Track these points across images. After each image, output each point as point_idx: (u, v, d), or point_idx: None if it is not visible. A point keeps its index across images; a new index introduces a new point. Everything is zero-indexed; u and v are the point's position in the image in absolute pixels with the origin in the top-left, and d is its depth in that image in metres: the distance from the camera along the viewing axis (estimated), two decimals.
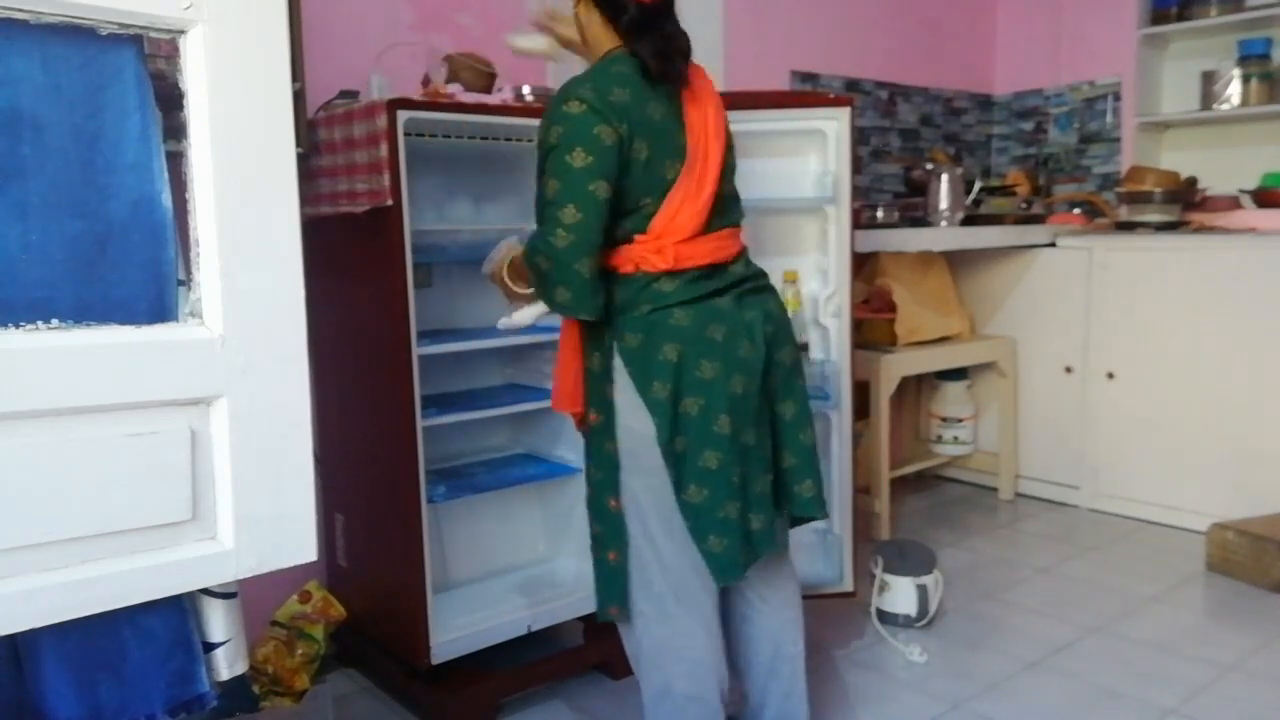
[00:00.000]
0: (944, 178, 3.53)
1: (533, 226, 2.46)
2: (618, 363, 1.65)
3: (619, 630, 1.83)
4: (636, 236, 1.63)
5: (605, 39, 1.66)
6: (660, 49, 1.60)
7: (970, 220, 3.61)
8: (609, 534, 1.73)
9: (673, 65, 1.62)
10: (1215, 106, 3.86)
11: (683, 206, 1.62)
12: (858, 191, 3.50)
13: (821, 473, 1.81)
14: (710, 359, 1.63)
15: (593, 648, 2.37)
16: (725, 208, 1.70)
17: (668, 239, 1.62)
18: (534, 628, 2.29)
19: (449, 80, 2.28)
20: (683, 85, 1.66)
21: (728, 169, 1.70)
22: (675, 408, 1.63)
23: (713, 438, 1.63)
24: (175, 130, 1.05)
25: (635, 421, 1.66)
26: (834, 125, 2.50)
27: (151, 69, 1.08)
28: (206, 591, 1.21)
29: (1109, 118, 4.25)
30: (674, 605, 1.73)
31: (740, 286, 1.71)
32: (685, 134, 1.63)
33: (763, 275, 1.78)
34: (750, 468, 1.68)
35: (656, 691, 1.80)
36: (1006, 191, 3.89)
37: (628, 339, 1.64)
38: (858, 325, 2.98)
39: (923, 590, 2.59)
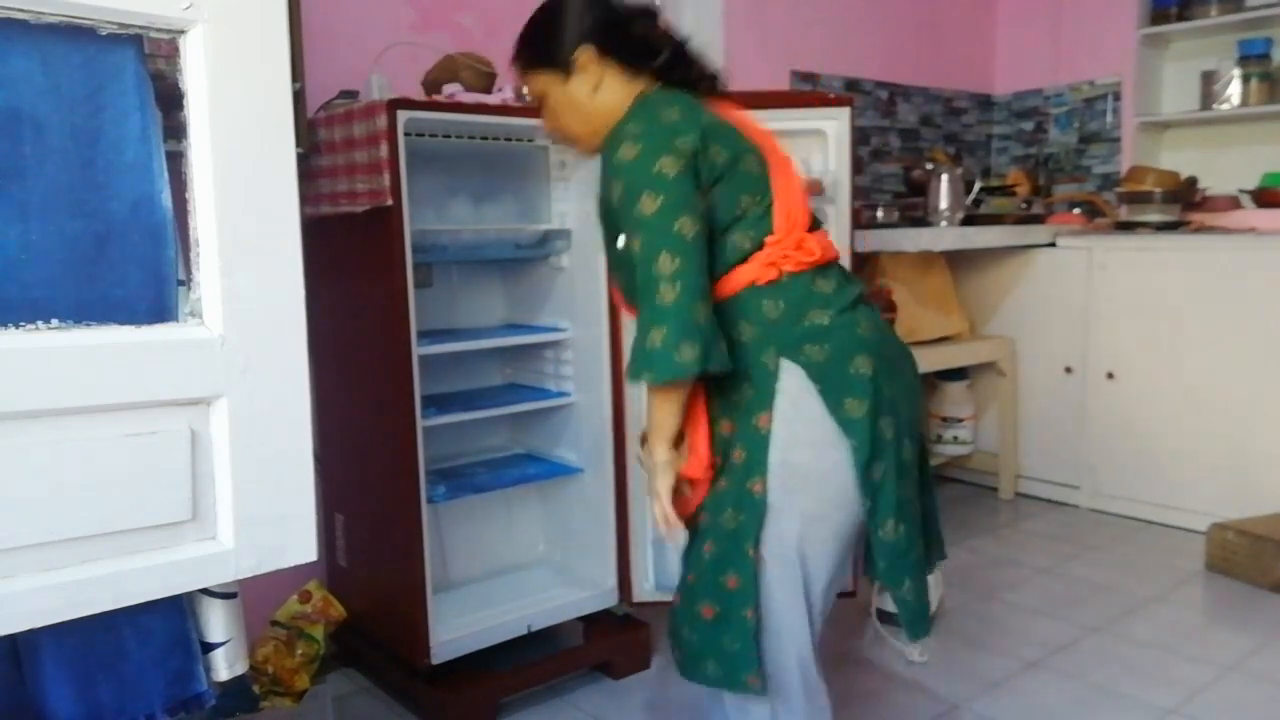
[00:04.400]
0: (944, 178, 3.53)
1: (532, 226, 2.46)
2: (785, 385, 1.41)
3: (727, 709, 1.50)
4: (766, 240, 1.43)
5: (628, 94, 1.50)
6: (701, 71, 1.55)
7: (970, 220, 3.61)
8: (747, 588, 1.42)
9: (717, 82, 1.57)
10: (1215, 106, 3.86)
11: (789, 198, 1.47)
12: (858, 191, 3.50)
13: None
14: (892, 376, 1.44)
15: (593, 648, 2.38)
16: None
17: (799, 232, 1.45)
18: (534, 628, 2.28)
19: (449, 80, 2.28)
20: (718, 94, 1.58)
21: None
22: (873, 428, 1.40)
23: (903, 466, 1.42)
24: (175, 130, 1.05)
25: (804, 453, 1.41)
26: (834, 125, 2.50)
27: (151, 69, 1.08)
28: (206, 591, 1.21)
29: (1109, 118, 4.25)
30: (802, 686, 1.46)
31: (868, 297, 1.53)
32: (743, 131, 1.50)
33: None
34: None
35: None
36: (1006, 191, 3.89)
37: (808, 351, 1.41)
38: None
39: None
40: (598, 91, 1.50)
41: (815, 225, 1.53)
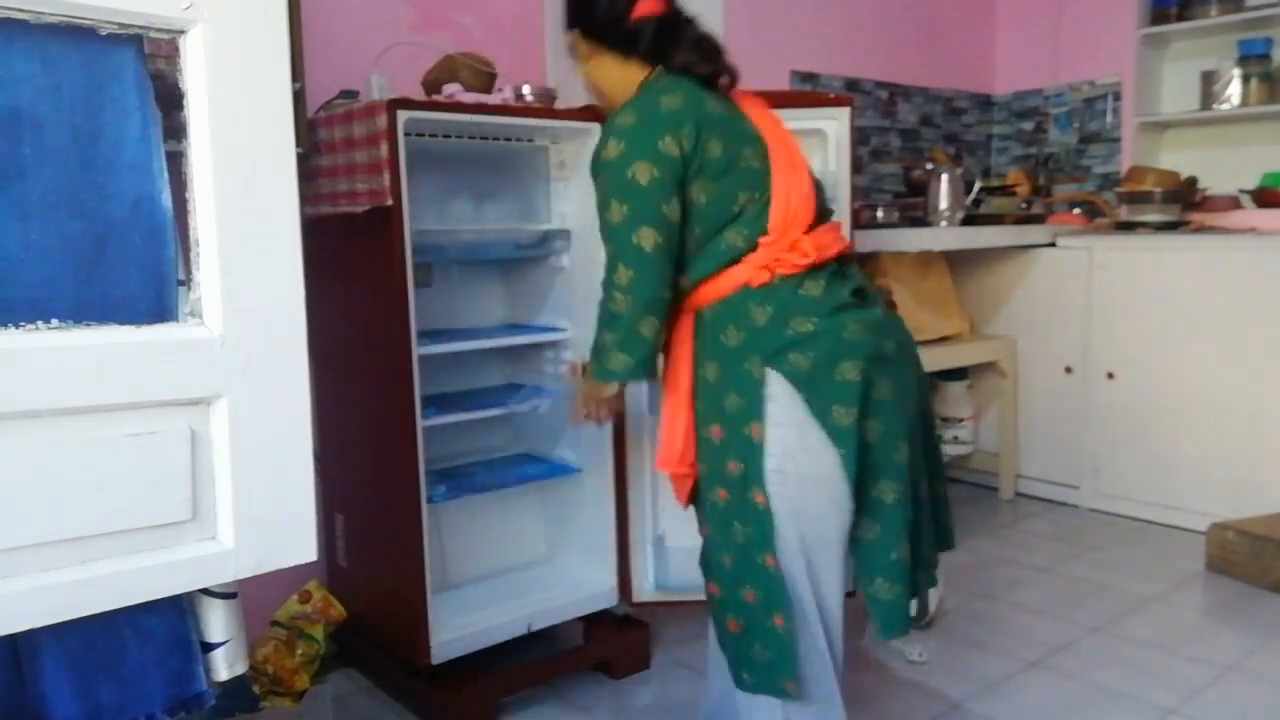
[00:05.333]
0: (944, 178, 3.53)
1: (532, 226, 2.46)
2: (773, 391, 1.40)
3: (763, 713, 1.50)
4: (760, 240, 1.44)
5: (629, 77, 1.55)
6: (700, 52, 1.52)
7: (970, 220, 3.61)
8: (771, 597, 1.43)
9: (720, 64, 1.53)
10: (1215, 106, 3.87)
11: (790, 194, 1.45)
12: (858, 191, 3.50)
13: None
14: (886, 377, 1.43)
15: (593, 648, 2.38)
16: (819, 197, 1.53)
17: (796, 232, 1.44)
18: (534, 627, 2.28)
19: (449, 80, 2.28)
20: (732, 84, 1.57)
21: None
22: (860, 433, 1.40)
23: (892, 467, 1.43)
24: (175, 130, 1.05)
25: (799, 461, 1.41)
26: (834, 125, 2.50)
27: (151, 69, 1.08)
28: (206, 591, 1.21)
29: (1109, 118, 4.25)
30: (833, 685, 1.47)
31: (867, 292, 1.53)
32: (750, 123, 1.50)
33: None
34: (921, 508, 1.49)
35: None
36: (1006, 191, 3.89)
37: (793, 360, 1.40)
38: None
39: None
40: (597, 71, 1.58)
41: (824, 218, 1.52)
